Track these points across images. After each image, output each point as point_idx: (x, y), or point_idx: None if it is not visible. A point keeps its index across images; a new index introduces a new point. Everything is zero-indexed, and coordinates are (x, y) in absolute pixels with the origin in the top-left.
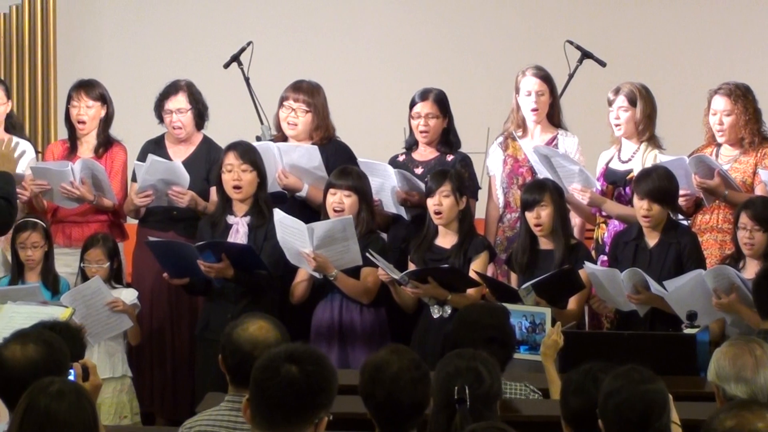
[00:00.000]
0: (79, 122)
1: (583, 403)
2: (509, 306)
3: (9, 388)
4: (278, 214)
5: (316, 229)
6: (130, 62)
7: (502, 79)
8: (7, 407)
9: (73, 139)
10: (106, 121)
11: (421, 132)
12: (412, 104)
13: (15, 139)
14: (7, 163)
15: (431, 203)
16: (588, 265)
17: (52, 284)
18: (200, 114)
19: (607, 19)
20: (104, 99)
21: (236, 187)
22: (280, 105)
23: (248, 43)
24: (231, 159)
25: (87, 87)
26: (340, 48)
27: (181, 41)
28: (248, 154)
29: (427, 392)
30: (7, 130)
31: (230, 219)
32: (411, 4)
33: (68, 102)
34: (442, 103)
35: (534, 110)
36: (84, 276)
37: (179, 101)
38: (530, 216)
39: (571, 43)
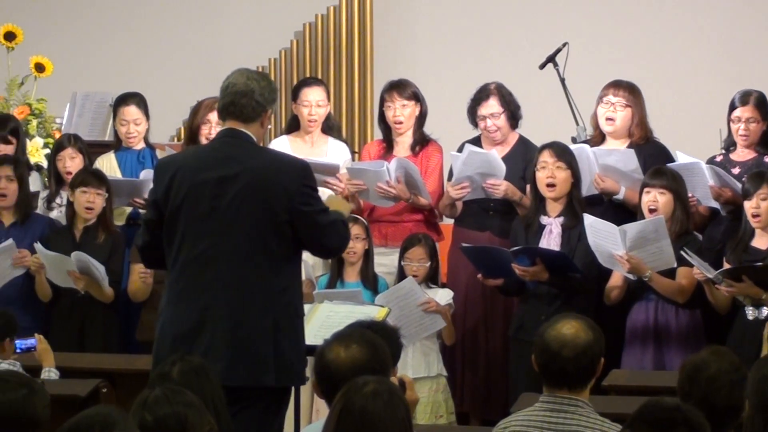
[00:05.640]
0: (396, 123)
1: None
2: None
3: (333, 389)
4: (588, 219)
5: (628, 231)
6: (445, 63)
7: None
8: (329, 406)
9: (389, 138)
10: (421, 119)
11: (741, 136)
12: (732, 108)
13: (332, 143)
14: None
15: (749, 206)
16: None
17: (372, 284)
18: (513, 115)
19: None
20: (417, 97)
21: (550, 185)
22: (599, 102)
23: (564, 44)
24: (546, 157)
25: (399, 87)
26: (657, 48)
27: (496, 42)
28: (563, 152)
29: (744, 396)
30: (324, 131)
31: (543, 219)
32: (725, 4)
33: (381, 104)
34: (762, 106)
35: None
36: (403, 275)
37: (492, 106)
38: None
39: None
